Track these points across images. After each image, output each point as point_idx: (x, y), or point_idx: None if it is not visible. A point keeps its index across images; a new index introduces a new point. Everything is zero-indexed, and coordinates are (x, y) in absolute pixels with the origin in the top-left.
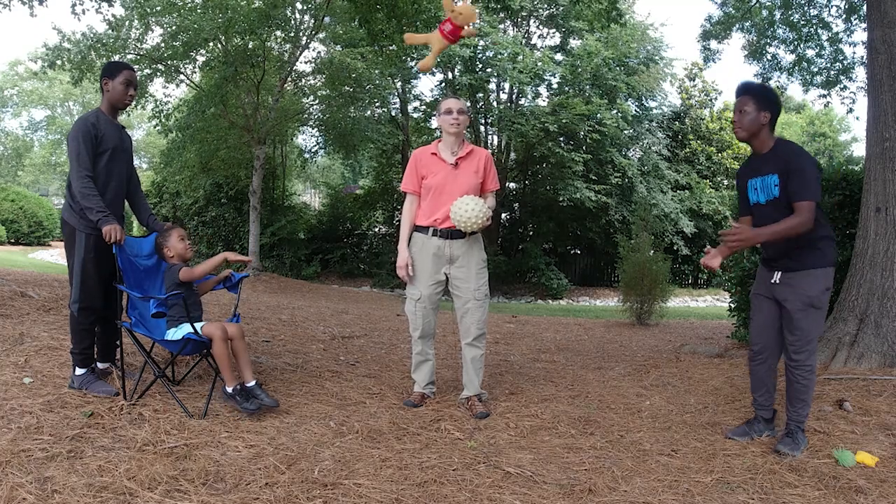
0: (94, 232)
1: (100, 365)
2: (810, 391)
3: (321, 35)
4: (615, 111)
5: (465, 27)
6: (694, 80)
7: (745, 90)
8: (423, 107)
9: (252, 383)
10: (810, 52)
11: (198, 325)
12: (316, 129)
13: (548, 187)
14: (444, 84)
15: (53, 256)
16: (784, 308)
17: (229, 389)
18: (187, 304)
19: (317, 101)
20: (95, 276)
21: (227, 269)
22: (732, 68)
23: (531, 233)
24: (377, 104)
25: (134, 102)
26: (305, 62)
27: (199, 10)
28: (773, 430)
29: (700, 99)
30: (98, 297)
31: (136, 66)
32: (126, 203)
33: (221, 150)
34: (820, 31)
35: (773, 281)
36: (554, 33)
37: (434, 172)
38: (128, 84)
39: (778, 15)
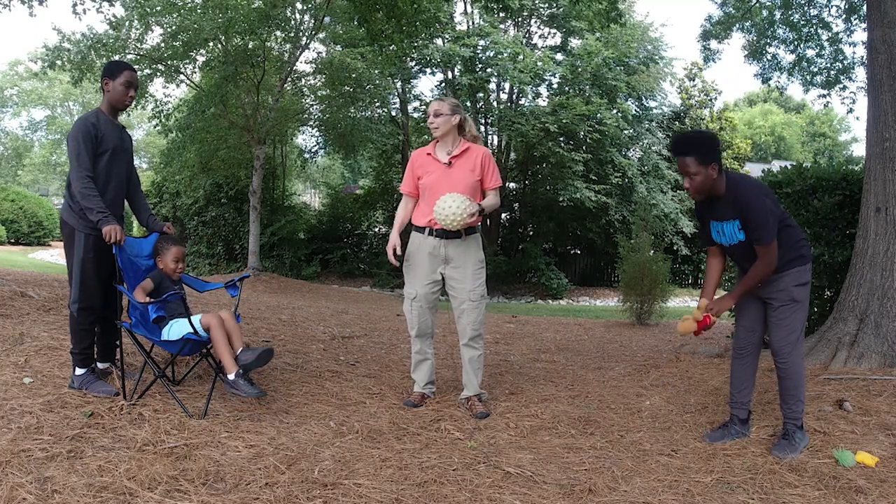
0: (94, 232)
1: (100, 365)
2: (801, 387)
3: (321, 35)
4: (615, 111)
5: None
6: (694, 80)
7: (682, 150)
8: (423, 107)
9: (240, 349)
10: (810, 52)
11: (194, 319)
12: (316, 129)
13: (548, 187)
14: (443, 84)
15: (53, 256)
16: (769, 305)
17: (231, 377)
18: (185, 302)
19: (317, 101)
20: (95, 277)
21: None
22: (732, 68)
23: (531, 233)
24: (377, 104)
25: (134, 103)
26: (305, 62)
27: (199, 10)
28: (748, 431)
29: (700, 99)
30: (98, 297)
31: (136, 66)
32: (126, 203)
33: (221, 150)
34: (820, 31)
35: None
36: (555, 33)
37: (429, 172)
38: (129, 85)
39: (778, 15)
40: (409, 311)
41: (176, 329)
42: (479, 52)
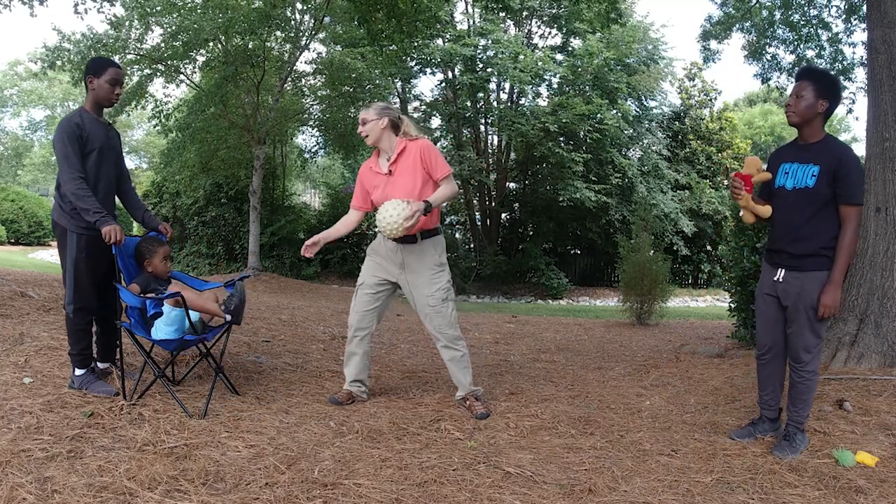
0: (86, 232)
1: (100, 365)
2: (811, 393)
3: (321, 35)
4: (615, 111)
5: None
6: (693, 81)
7: (806, 75)
8: (423, 106)
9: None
10: (810, 53)
11: (167, 309)
12: (316, 129)
13: (548, 187)
14: (443, 84)
15: (53, 256)
16: (788, 309)
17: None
18: (185, 303)
19: (317, 101)
20: (89, 277)
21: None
22: (732, 68)
23: (531, 233)
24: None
25: (134, 103)
26: (305, 62)
27: (199, 10)
28: (777, 429)
29: (700, 99)
30: (92, 297)
31: (136, 66)
32: (121, 202)
33: (221, 150)
34: (820, 31)
35: (775, 279)
36: (555, 34)
37: (375, 186)
38: (114, 82)
39: (778, 15)
40: (353, 299)
41: (161, 328)
42: (479, 51)
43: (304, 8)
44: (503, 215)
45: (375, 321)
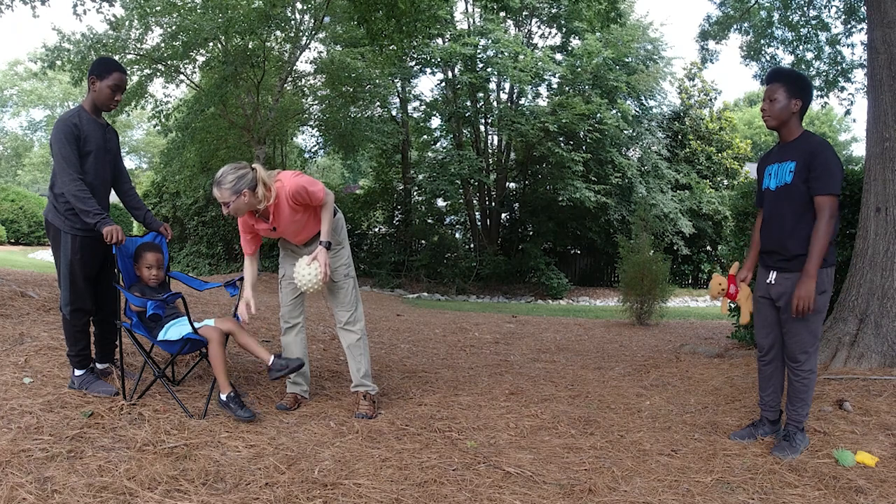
0: (80, 233)
1: (99, 365)
2: (810, 392)
3: (321, 35)
4: (615, 111)
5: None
6: (693, 80)
7: (776, 77)
8: (423, 106)
9: (272, 359)
10: (809, 54)
11: (197, 324)
12: (316, 129)
13: (548, 187)
14: (443, 83)
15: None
16: (781, 310)
17: (223, 397)
18: (185, 303)
19: (317, 101)
20: (84, 278)
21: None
22: (732, 68)
23: (531, 233)
24: (377, 104)
25: (134, 103)
26: (305, 62)
27: (199, 10)
28: (777, 431)
29: (699, 99)
30: (88, 297)
31: (136, 66)
32: (122, 203)
33: (221, 150)
34: (819, 32)
35: (768, 281)
36: (555, 33)
37: (268, 237)
38: (116, 88)
39: (776, 16)
40: (279, 293)
41: (174, 330)
42: (479, 51)
43: (304, 8)
44: (503, 215)
45: (300, 312)
